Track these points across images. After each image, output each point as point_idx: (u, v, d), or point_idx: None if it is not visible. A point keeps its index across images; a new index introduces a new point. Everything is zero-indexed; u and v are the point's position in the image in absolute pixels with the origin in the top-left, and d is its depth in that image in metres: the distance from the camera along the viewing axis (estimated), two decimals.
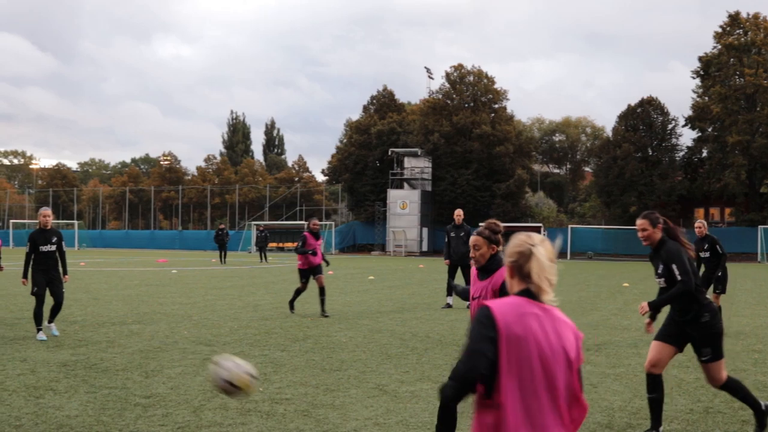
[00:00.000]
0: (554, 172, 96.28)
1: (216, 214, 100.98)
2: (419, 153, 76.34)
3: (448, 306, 19.12)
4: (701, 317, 7.32)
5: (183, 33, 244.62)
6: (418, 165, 77.31)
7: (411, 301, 21.34)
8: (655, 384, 7.45)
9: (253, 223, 76.54)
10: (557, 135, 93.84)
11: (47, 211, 13.86)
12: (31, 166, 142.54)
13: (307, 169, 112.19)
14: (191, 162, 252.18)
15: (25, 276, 13.86)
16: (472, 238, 6.20)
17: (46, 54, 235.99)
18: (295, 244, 21.03)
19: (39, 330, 13.27)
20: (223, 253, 44.79)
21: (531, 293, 3.47)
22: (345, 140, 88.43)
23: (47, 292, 13.49)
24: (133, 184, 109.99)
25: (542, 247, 3.54)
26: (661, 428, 7.44)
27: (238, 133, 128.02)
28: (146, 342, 12.98)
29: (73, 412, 7.96)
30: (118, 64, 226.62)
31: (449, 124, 75.22)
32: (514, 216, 70.91)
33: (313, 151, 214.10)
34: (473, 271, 6.37)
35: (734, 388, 7.48)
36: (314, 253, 17.69)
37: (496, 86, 78.58)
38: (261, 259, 49.47)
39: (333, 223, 79.97)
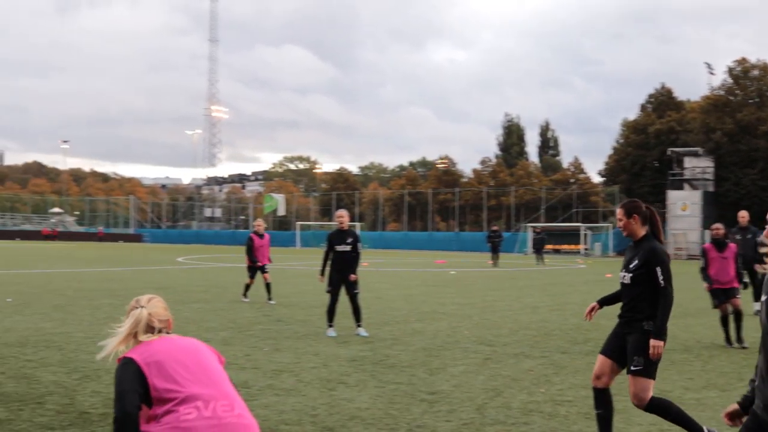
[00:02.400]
0: None
1: (492, 215, 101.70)
2: (700, 152, 73.33)
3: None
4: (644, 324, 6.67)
5: (456, 38, 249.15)
6: (699, 165, 74.24)
7: (694, 306, 20.54)
8: (599, 399, 6.90)
9: (529, 225, 76.50)
10: None
11: (341, 212, 14.45)
12: (315, 171, 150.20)
13: (582, 171, 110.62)
14: (467, 164, 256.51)
15: (321, 273, 14.44)
16: None
17: (327, 63, 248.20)
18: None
19: (330, 326, 13.95)
20: (495, 255, 44.78)
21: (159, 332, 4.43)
22: (621, 140, 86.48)
23: (343, 292, 14.09)
24: (411, 187, 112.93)
25: (152, 303, 4.50)
26: None
27: (512, 135, 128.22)
28: (429, 340, 13.34)
29: (364, 405, 8.33)
30: (395, 71, 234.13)
31: (732, 122, 71.74)
32: None
33: (589, 152, 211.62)
34: None
35: (664, 409, 6.68)
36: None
37: None
38: (537, 261, 49.33)
39: (610, 225, 78.37)
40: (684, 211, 70.70)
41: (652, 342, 6.51)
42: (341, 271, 14.01)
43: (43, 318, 15.48)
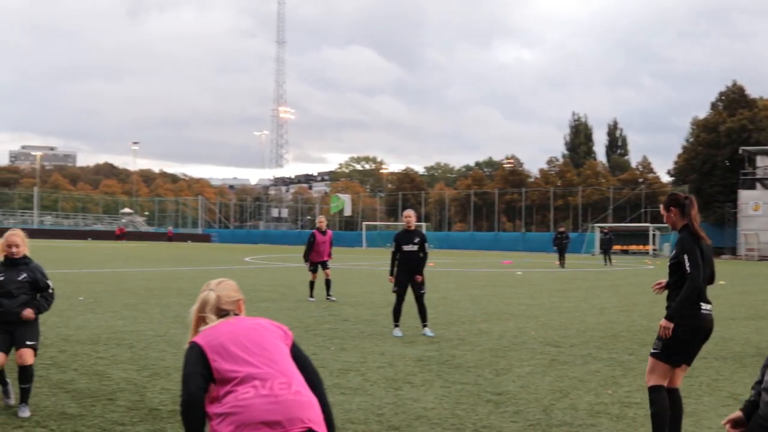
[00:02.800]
0: None
1: (558, 216, 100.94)
2: None
3: None
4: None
5: (523, 37, 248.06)
6: None
7: (765, 308, 20.16)
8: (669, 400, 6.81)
9: (596, 225, 75.74)
10: None
11: (409, 212, 14.44)
12: (381, 171, 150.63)
13: (651, 170, 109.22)
14: (533, 164, 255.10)
15: (391, 273, 14.42)
16: None
17: (393, 63, 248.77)
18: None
19: (396, 326, 13.98)
20: (562, 257, 43.81)
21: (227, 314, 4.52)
22: (692, 139, 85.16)
23: (409, 292, 14.09)
24: (477, 187, 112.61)
25: (222, 286, 4.58)
26: None
27: (580, 135, 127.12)
28: (495, 341, 13.28)
29: (429, 405, 8.33)
30: (461, 71, 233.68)
31: None
32: None
33: (657, 151, 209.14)
34: None
35: (655, 401, 6.64)
36: None
37: None
38: (605, 261, 48.79)
39: None
40: (756, 211, 69.36)
41: (662, 322, 6.65)
42: (408, 271, 14.02)
43: (115, 316, 15.77)
